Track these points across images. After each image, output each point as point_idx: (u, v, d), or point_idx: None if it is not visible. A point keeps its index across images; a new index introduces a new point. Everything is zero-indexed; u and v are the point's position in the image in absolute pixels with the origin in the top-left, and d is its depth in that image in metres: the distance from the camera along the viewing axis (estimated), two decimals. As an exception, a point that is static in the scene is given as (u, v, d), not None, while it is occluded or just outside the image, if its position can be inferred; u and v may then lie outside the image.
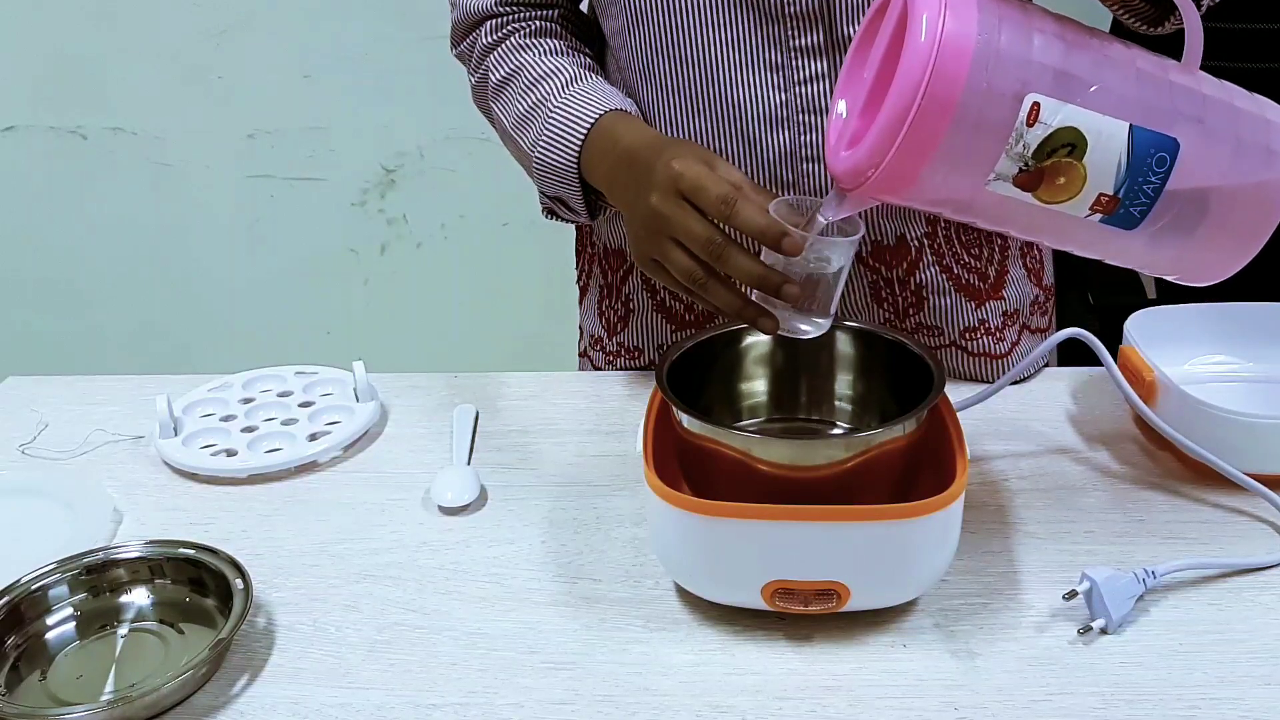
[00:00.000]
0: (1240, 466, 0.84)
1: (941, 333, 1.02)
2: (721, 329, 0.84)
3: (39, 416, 1.02)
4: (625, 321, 1.06)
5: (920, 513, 0.69)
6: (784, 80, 0.90)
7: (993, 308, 1.03)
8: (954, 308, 1.01)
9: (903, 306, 1.01)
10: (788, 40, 0.89)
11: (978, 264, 1.01)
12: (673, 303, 1.03)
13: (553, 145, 0.90)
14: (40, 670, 0.72)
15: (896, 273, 0.99)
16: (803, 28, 0.89)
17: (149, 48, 1.99)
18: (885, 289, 1.00)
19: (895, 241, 0.98)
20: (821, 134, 0.91)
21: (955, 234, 0.99)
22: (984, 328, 1.03)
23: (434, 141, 2.06)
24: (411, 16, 1.97)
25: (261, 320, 2.19)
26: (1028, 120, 0.64)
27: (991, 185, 0.66)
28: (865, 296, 1.01)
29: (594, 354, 1.12)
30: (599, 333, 1.10)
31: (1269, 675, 0.69)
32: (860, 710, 0.68)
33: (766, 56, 0.90)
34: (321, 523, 0.86)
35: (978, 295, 1.02)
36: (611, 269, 1.06)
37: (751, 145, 0.92)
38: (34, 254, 2.16)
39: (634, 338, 1.06)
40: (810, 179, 0.93)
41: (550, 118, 0.90)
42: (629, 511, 0.86)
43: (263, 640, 0.75)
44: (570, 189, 0.92)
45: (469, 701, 0.69)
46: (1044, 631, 0.73)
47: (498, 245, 2.13)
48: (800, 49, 0.89)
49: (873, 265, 0.99)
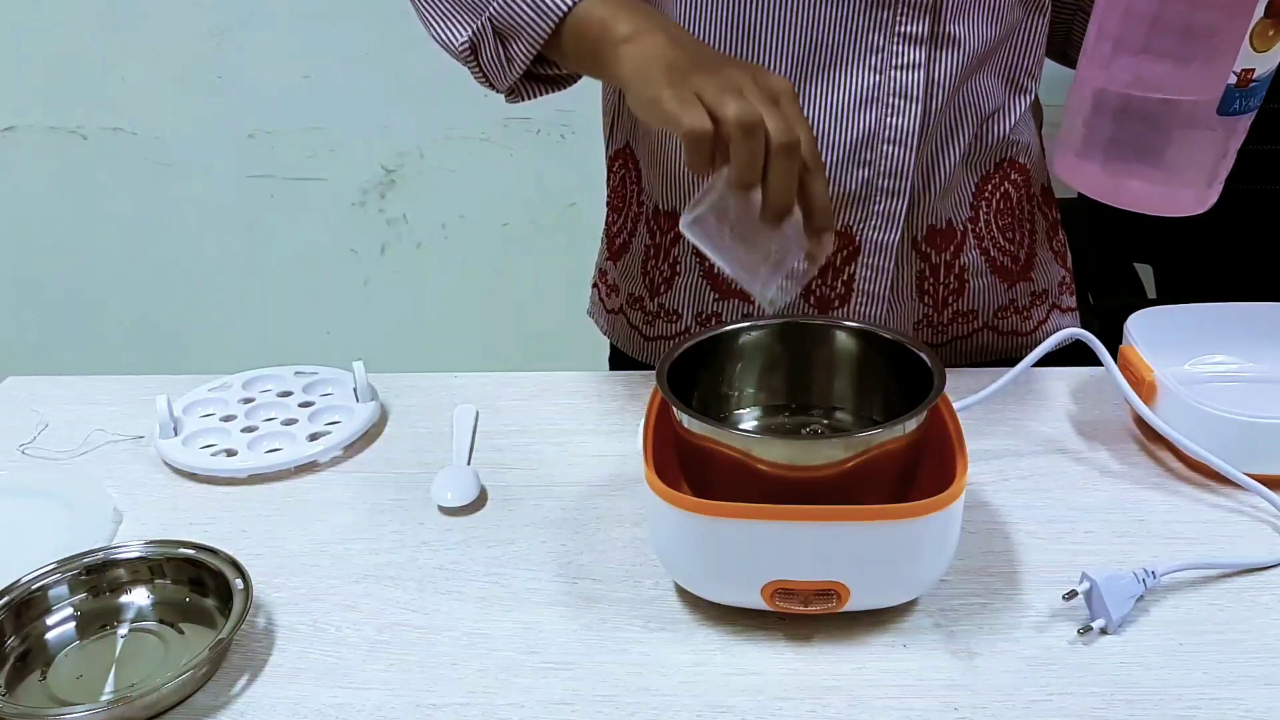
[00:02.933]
0: (1240, 466, 0.84)
1: (976, 316, 1.06)
2: (721, 329, 0.84)
3: (39, 416, 1.02)
4: (670, 284, 1.07)
5: (920, 513, 0.69)
6: (880, 62, 0.92)
7: (1021, 288, 1.08)
8: (989, 288, 1.06)
9: (943, 295, 1.04)
10: (893, 25, 0.91)
11: (1011, 247, 1.05)
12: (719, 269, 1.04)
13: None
14: (40, 670, 0.72)
15: (944, 257, 1.02)
16: (911, 16, 0.91)
17: (149, 48, 1.99)
18: (929, 278, 1.03)
19: (944, 225, 1.01)
20: (907, 118, 0.94)
21: (994, 218, 1.04)
22: (1013, 307, 1.08)
23: (434, 141, 2.06)
24: (411, 17, 1.97)
25: (261, 320, 2.19)
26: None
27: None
28: (910, 290, 1.03)
29: (630, 312, 1.13)
30: (640, 292, 1.11)
31: (1269, 675, 0.69)
32: (860, 710, 0.68)
33: (869, 38, 0.92)
34: (321, 523, 0.86)
35: (1009, 276, 1.06)
36: (661, 230, 1.07)
37: (837, 123, 0.94)
38: (34, 254, 2.16)
39: (675, 300, 1.07)
40: (887, 160, 0.95)
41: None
42: (629, 511, 0.86)
43: (263, 640, 0.75)
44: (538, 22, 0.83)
45: (469, 701, 0.69)
46: (1044, 631, 0.73)
47: (498, 245, 2.13)
48: (903, 35, 0.92)
49: (924, 250, 1.02)
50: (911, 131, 0.94)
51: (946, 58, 0.93)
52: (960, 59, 0.93)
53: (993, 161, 1.02)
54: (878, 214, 0.98)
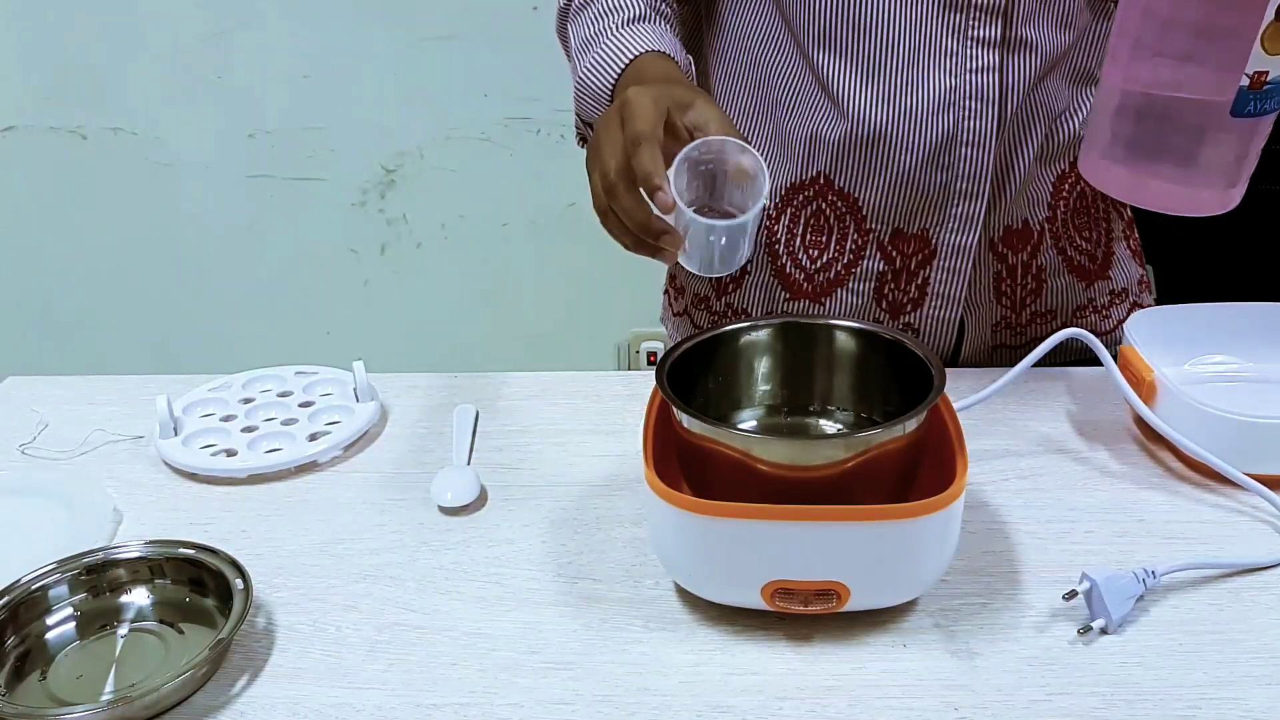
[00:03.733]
0: (1240, 466, 0.84)
1: (1055, 316, 1.07)
2: (721, 329, 0.84)
3: (39, 416, 1.02)
4: (738, 282, 1.08)
5: (920, 513, 0.69)
6: (955, 65, 0.93)
7: (1100, 287, 1.09)
8: (1067, 288, 1.07)
9: (1021, 296, 1.05)
10: (966, 29, 0.93)
11: (1088, 245, 1.06)
12: (792, 270, 1.05)
13: (596, 69, 0.92)
14: (40, 670, 0.72)
15: (1021, 257, 1.03)
16: (982, 20, 0.92)
17: (149, 48, 2.00)
18: (1007, 279, 1.04)
19: (1021, 226, 1.02)
20: (983, 120, 0.95)
21: (1070, 217, 1.05)
22: (1092, 306, 1.09)
23: (434, 141, 2.06)
24: (412, 17, 1.97)
25: (261, 320, 2.19)
26: None
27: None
28: (989, 291, 1.04)
29: (695, 313, 1.14)
30: (706, 292, 1.12)
31: (1269, 675, 0.69)
32: (860, 710, 0.68)
33: (943, 42, 0.93)
34: (321, 523, 0.86)
35: (1087, 275, 1.07)
36: None
37: (917, 126, 0.95)
38: (34, 253, 2.16)
39: (744, 299, 1.09)
40: (966, 163, 0.96)
41: (603, 45, 0.92)
42: (629, 511, 0.86)
43: (262, 640, 0.75)
44: (599, 113, 0.92)
45: (469, 701, 0.69)
46: (1044, 631, 0.73)
47: (498, 245, 2.13)
48: (976, 39, 0.93)
49: (1000, 251, 1.03)
50: (988, 133, 0.95)
51: (1020, 61, 0.94)
52: (1034, 62, 0.94)
53: (1066, 160, 1.02)
54: (956, 216, 0.99)
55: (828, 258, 1.03)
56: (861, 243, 1.02)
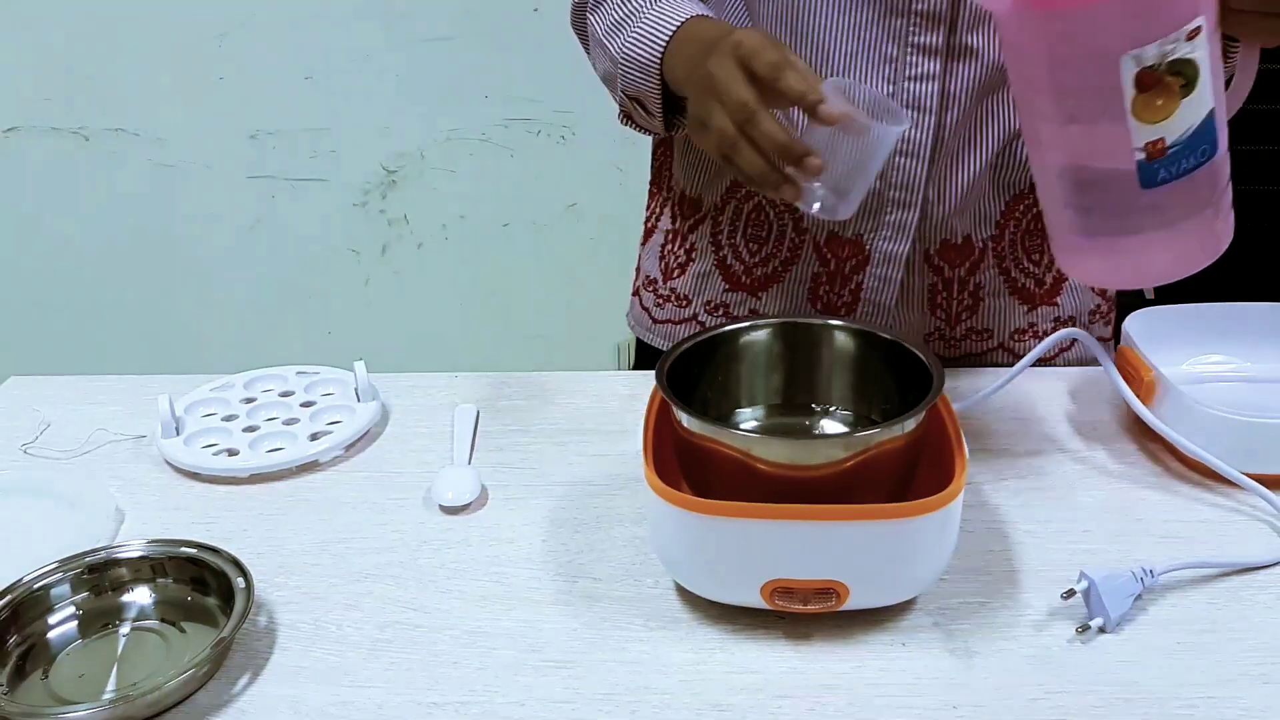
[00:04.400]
0: (1239, 466, 0.84)
1: (991, 335, 1.05)
2: (722, 329, 0.84)
3: (41, 416, 1.02)
4: (684, 269, 1.08)
5: (920, 512, 0.69)
6: (895, 73, 0.92)
7: (1044, 312, 1.05)
8: (1006, 309, 1.04)
9: (956, 310, 1.03)
10: (907, 36, 0.91)
11: (1036, 270, 1.03)
12: (733, 261, 1.05)
13: (640, 43, 0.90)
14: (42, 669, 0.73)
15: (958, 273, 1.01)
16: (925, 26, 0.90)
17: (151, 49, 2.00)
18: (942, 293, 1.02)
19: (962, 241, 1.00)
20: (921, 130, 0.93)
21: (1020, 239, 1.01)
22: (1032, 330, 1.05)
23: (435, 142, 2.07)
24: (412, 17, 1.98)
25: (263, 320, 2.19)
26: (1189, 34, 0.68)
27: (1124, 60, 0.69)
28: (922, 304, 1.02)
29: (644, 294, 1.14)
30: (655, 274, 1.12)
31: (1268, 674, 0.70)
32: (860, 709, 0.68)
33: (883, 48, 0.91)
34: (323, 522, 0.87)
35: (1031, 299, 1.04)
36: (682, 215, 1.08)
37: None
38: (36, 254, 2.16)
39: (687, 285, 1.08)
40: (900, 172, 0.95)
41: (641, 21, 0.91)
42: (629, 511, 0.86)
43: (264, 639, 0.75)
44: (650, 85, 0.91)
45: (469, 700, 0.69)
46: (1043, 631, 0.73)
47: (498, 245, 2.13)
48: (917, 46, 0.91)
49: (936, 264, 1.01)
50: (924, 143, 0.93)
51: (963, 70, 0.92)
52: (978, 72, 0.92)
53: (1028, 180, 0.99)
54: (888, 224, 0.98)
55: (766, 252, 1.03)
56: (799, 242, 1.01)
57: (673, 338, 1.10)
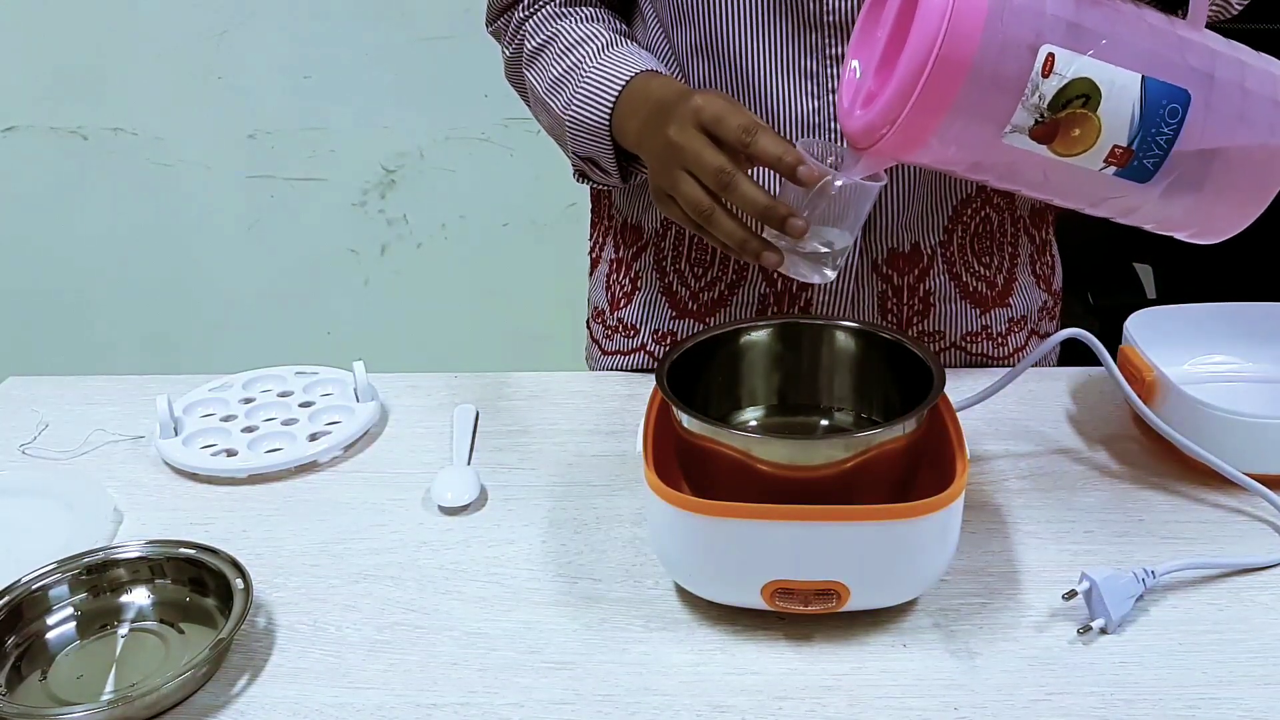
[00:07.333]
0: (1240, 466, 0.84)
1: (943, 336, 1.04)
2: (721, 328, 0.84)
3: (39, 416, 1.02)
4: (630, 298, 1.07)
5: (920, 513, 0.69)
6: (818, 88, 0.91)
7: (998, 314, 1.04)
8: (958, 314, 1.03)
9: (908, 315, 1.02)
10: (824, 48, 0.90)
11: (987, 273, 1.02)
12: (678, 287, 1.04)
13: (587, 105, 0.90)
14: (41, 670, 0.73)
15: (907, 280, 1.00)
16: (840, 37, 0.89)
17: (150, 48, 2.00)
18: (893, 298, 1.01)
19: (909, 249, 0.99)
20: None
21: (969, 243, 1.01)
22: (986, 333, 1.04)
23: (434, 142, 2.06)
24: (412, 17, 1.97)
25: (262, 320, 2.19)
26: (1043, 71, 0.65)
27: (1008, 139, 0.67)
28: (872, 309, 1.01)
29: (594, 326, 1.13)
30: (602, 305, 1.11)
31: (1269, 675, 0.69)
32: (860, 710, 0.68)
33: (802, 64, 0.91)
34: (322, 523, 0.87)
35: (984, 302, 1.03)
36: (625, 244, 1.07)
37: None
38: (34, 254, 2.16)
39: (634, 315, 1.07)
40: None
41: (584, 79, 0.90)
42: (629, 511, 0.86)
43: (263, 640, 0.75)
44: (601, 147, 0.91)
45: (469, 701, 0.69)
46: (1044, 631, 0.73)
47: (498, 245, 2.13)
48: (836, 58, 0.90)
49: (885, 273, 0.99)
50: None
51: None
52: None
53: (974, 185, 0.99)
54: None
55: (712, 276, 1.02)
56: (744, 264, 1.00)
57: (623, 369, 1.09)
